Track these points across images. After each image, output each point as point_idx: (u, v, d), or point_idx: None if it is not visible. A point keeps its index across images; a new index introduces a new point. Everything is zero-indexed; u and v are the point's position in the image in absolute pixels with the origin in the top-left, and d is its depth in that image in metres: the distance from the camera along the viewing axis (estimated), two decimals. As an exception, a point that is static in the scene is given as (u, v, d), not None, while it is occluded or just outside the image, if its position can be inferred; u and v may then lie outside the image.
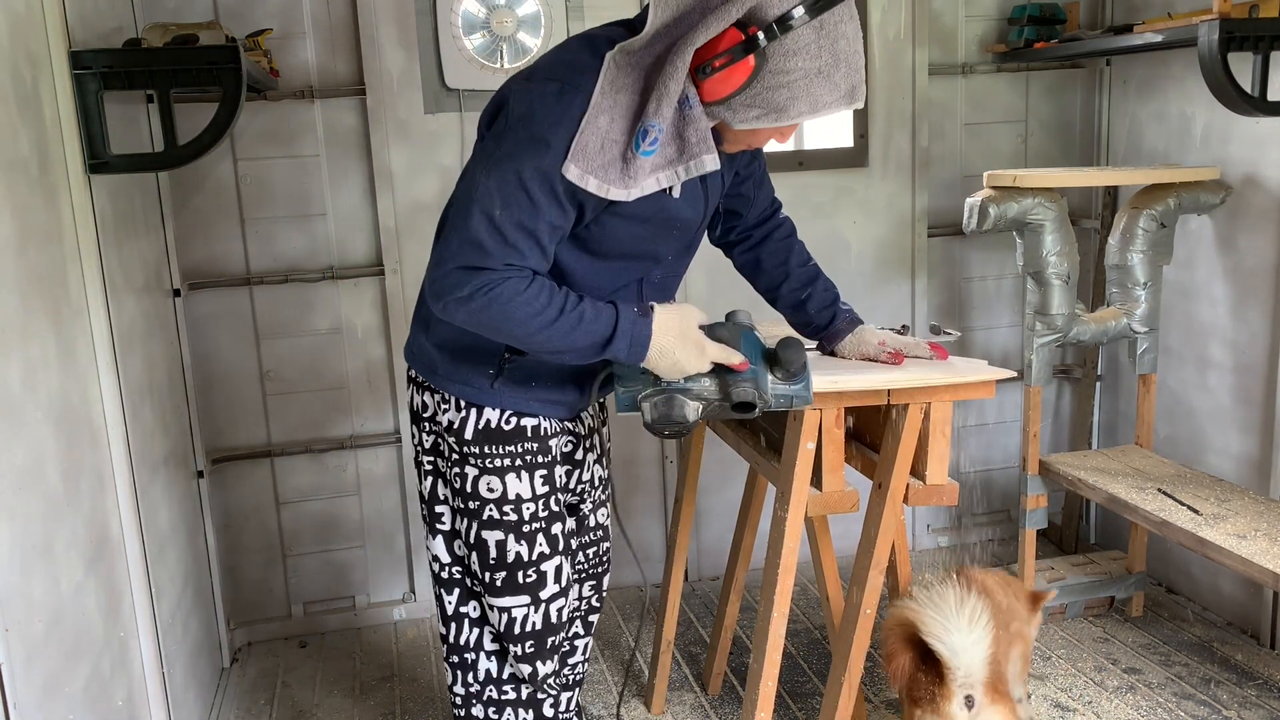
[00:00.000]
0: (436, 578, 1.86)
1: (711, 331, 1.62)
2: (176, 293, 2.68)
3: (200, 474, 2.79)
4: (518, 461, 1.72)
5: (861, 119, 3.22)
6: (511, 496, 1.72)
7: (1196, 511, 2.47)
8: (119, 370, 2.01)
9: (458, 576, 1.84)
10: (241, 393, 2.97)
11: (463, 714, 1.89)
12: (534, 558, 1.75)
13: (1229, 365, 2.87)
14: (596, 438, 1.94)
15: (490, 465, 1.71)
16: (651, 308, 1.57)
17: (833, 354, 1.96)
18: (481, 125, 1.61)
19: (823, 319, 1.94)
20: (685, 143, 1.49)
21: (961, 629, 1.80)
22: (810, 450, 1.86)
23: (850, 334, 1.92)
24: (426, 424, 1.78)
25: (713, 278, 2.88)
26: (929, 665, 1.84)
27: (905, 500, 1.91)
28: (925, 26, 3.19)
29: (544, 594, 1.78)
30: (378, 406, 3.07)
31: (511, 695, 1.86)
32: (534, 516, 1.74)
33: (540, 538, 1.75)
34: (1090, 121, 3.36)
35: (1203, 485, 2.65)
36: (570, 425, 1.86)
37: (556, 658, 1.85)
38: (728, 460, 3.21)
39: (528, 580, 1.76)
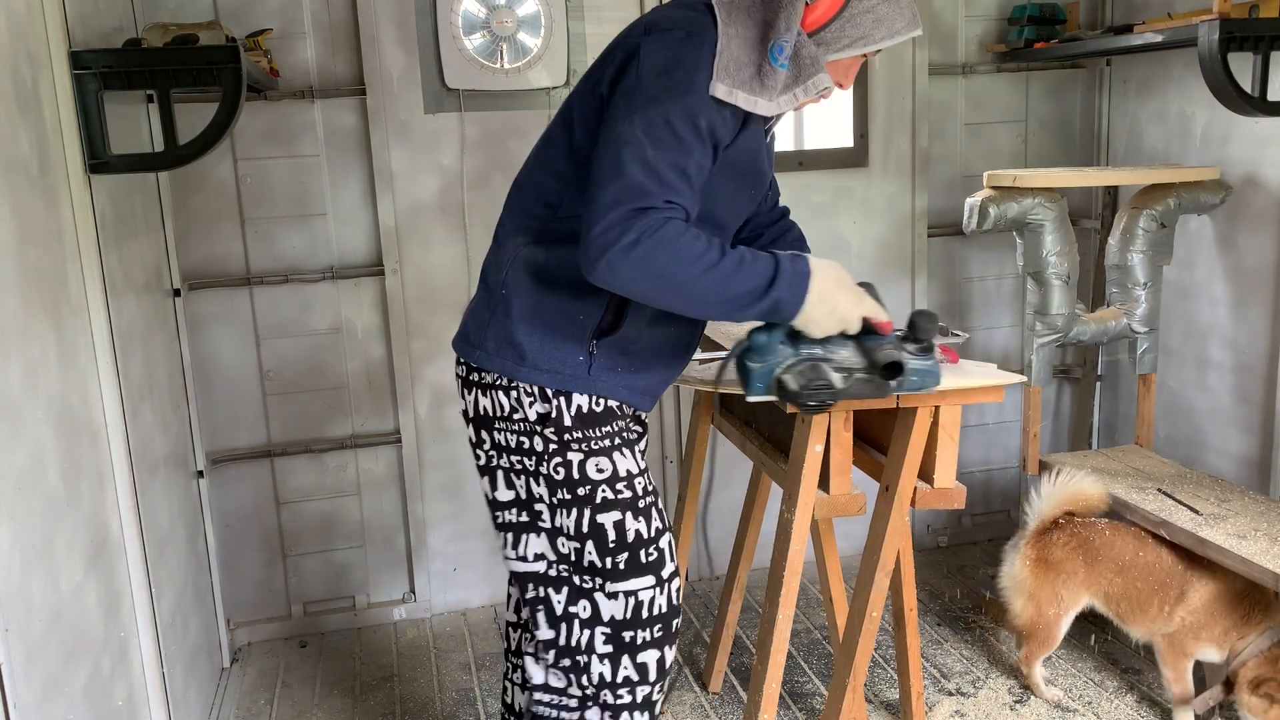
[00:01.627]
0: (543, 577, 1.74)
1: None
2: (176, 293, 2.68)
3: (200, 474, 2.79)
4: (617, 440, 1.68)
5: (861, 119, 3.22)
6: (623, 473, 1.68)
7: (1196, 511, 2.47)
8: (119, 370, 2.01)
9: (565, 574, 1.73)
10: (241, 393, 2.97)
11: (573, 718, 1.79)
12: (653, 534, 1.70)
13: (1229, 365, 2.87)
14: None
15: (595, 447, 1.66)
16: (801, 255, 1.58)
17: None
18: (600, 84, 1.58)
19: None
20: (801, 63, 1.56)
21: (1046, 488, 2.53)
22: (818, 453, 1.85)
23: None
24: (504, 424, 1.69)
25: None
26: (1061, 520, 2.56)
27: (913, 503, 1.91)
28: (925, 26, 3.18)
29: (665, 573, 1.72)
30: (378, 406, 3.07)
31: (626, 699, 1.76)
32: (645, 490, 1.70)
33: (654, 512, 1.71)
34: (1090, 121, 3.37)
35: (1203, 485, 2.65)
36: (642, 417, 1.83)
37: (677, 645, 1.80)
38: (729, 460, 3.21)
39: (650, 559, 1.70)
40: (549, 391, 1.64)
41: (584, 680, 1.76)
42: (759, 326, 1.62)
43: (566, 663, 1.76)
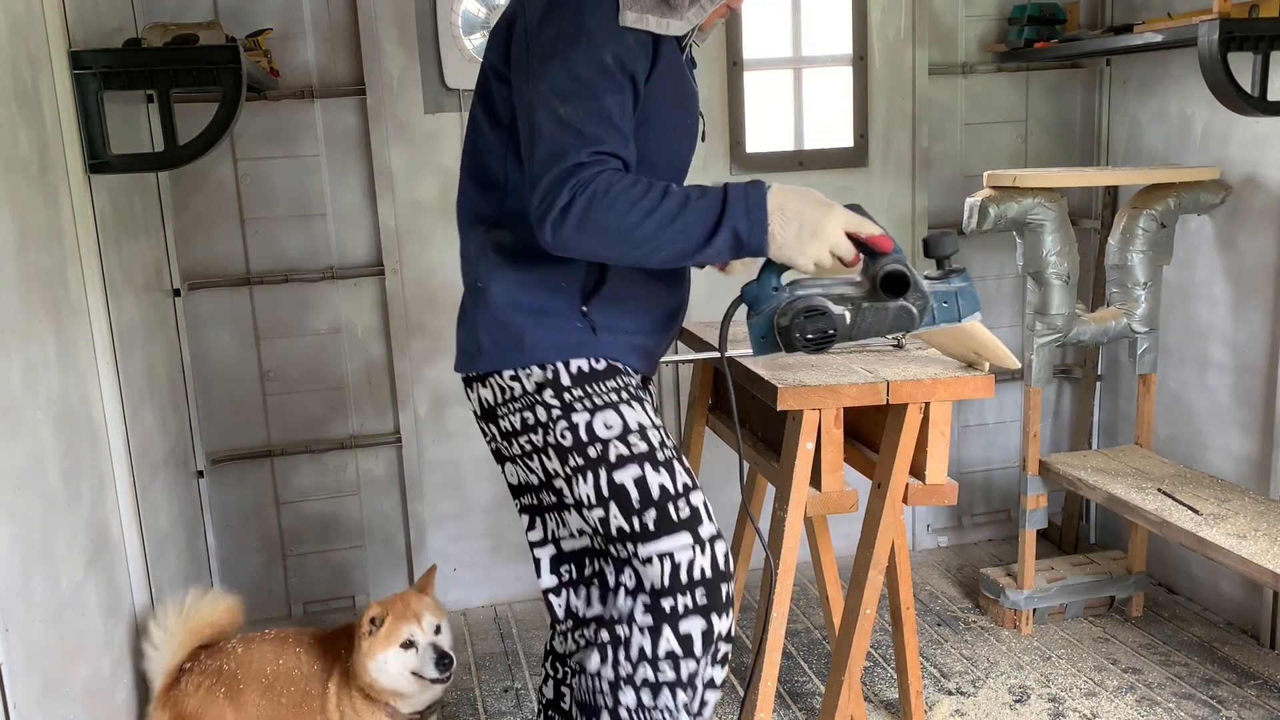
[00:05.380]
0: (586, 551, 1.69)
1: None
2: (176, 293, 2.68)
3: (200, 474, 2.79)
4: (623, 394, 1.60)
5: (861, 119, 3.22)
6: (634, 425, 1.58)
7: (1196, 511, 2.47)
8: (119, 370, 2.02)
9: (603, 546, 1.66)
10: (241, 393, 2.97)
11: (609, 701, 1.61)
12: (680, 489, 1.57)
13: (1229, 365, 2.87)
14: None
15: (600, 402, 1.59)
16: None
17: None
18: (496, 59, 1.58)
19: None
20: None
21: (165, 624, 1.98)
22: (809, 450, 1.86)
23: None
24: (506, 407, 1.65)
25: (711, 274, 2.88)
26: None
27: (905, 500, 1.92)
28: (925, 26, 3.19)
29: (704, 532, 1.56)
30: (378, 406, 3.07)
31: (670, 675, 1.59)
32: (662, 444, 1.59)
33: (677, 466, 1.59)
34: (1090, 121, 3.36)
35: (1203, 485, 2.65)
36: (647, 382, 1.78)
37: (731, 614, 1.61)
38: (725, 461, 3.21)
39: (682, 515, 1.55)
40: (547, 364, 1.61)
41: (620, 656, 1.60)
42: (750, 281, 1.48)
43: (606, 636, 1.62)
